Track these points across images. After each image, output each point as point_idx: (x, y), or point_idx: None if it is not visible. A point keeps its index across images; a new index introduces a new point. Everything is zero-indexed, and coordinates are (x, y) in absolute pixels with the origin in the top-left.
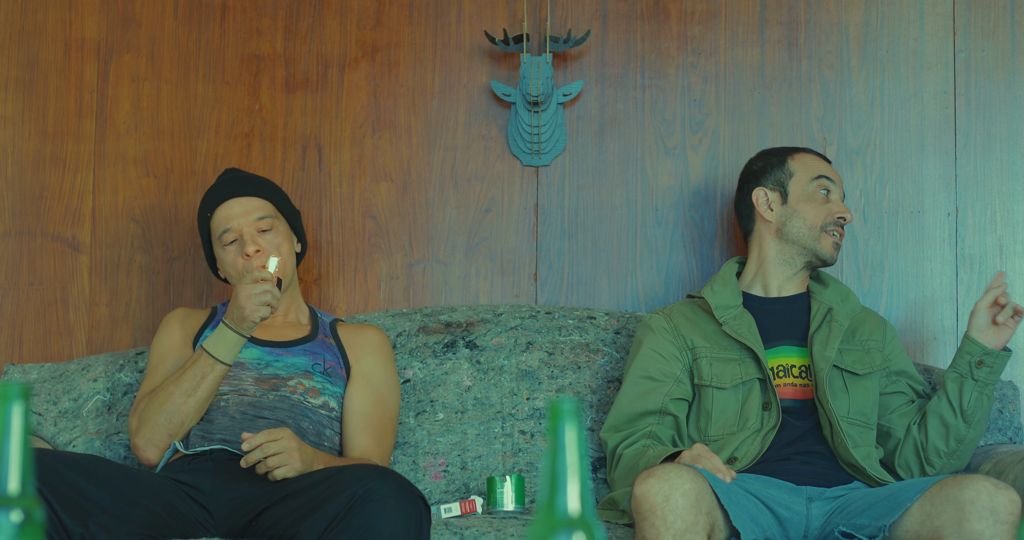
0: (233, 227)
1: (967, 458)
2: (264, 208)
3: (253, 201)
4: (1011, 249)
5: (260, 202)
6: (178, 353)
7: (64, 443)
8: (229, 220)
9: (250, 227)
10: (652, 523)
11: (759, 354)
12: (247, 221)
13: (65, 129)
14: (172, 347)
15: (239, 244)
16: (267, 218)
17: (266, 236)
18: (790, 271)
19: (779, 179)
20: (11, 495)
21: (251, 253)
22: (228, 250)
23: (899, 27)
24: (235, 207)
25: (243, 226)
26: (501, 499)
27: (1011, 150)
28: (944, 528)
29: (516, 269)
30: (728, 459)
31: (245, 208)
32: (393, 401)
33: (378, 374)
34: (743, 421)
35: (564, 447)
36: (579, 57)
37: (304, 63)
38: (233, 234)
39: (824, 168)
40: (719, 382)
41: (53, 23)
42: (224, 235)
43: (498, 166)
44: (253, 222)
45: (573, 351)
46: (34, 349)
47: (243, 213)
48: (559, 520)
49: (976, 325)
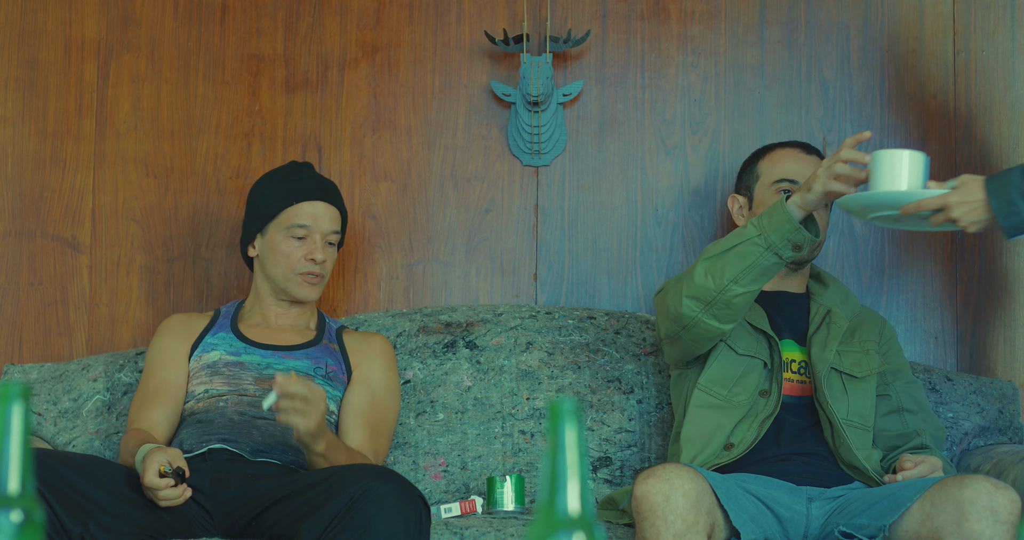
0: (312, 227)
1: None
2: (339, 223)
3: (336, 212)
4: (1011, 249)
5: (337, 215)
6: (169, 364)
7: (64, 443)
8: (314, 219)
9: (325, 235)
10: (652, 523)
11: (775, 345)
12: (326, 229)
13: (65, 129)
14: (164, 358)
15: (307, 243)
16: (338, 234)
17: (329, 250)
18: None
19: (748, 183)
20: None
21: (319, 260)
22: (293, 242)
23: (899, 27)
24: (323, 210)
25: (319, 230)
26: (501, 499)
27: (1011, 150)
28: (944, 528)
29: (516, 269)
30: (725, 445)
31: (331, 216)
32: (392, 407)
33: (378, 379)
34: (733, 395)
35: (564, 447)
36: (579, 57)
37: (304, 63)
38: (306, 232)
39: (792, 169)
40: (733, 343)
41: (53, 23)
42: (297, 228)
43: (498, 166)
44: (329, 232)
45: (573, 351)
46: (34, 349)
47: (328, 220)
48: (559, 520)
49: None
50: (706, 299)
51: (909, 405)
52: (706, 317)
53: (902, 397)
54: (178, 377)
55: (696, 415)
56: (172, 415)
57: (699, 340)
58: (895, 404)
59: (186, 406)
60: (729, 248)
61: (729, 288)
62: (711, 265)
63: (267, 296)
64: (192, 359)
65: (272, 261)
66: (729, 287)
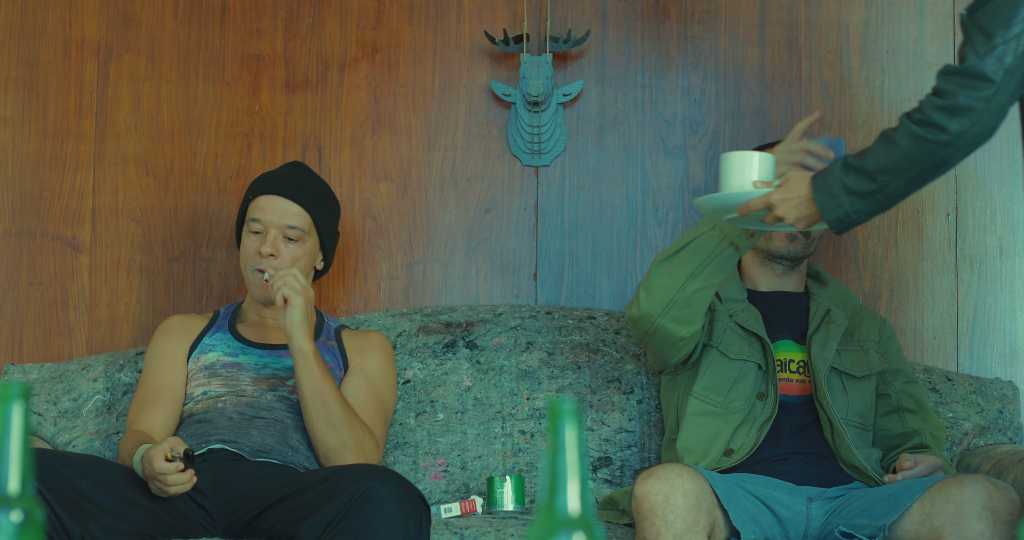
0: (264, 221)
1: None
2: (300, 219)
3: (293, 207)
4: (1011, 249)
5: (299, 211)
6: (168, 366)
7: (64, 443)
8: (264, 213)
9: (278, 230)
10: (652, 523)
11: (767, 346)
12: (278, 224)
13: (65, 129)
14: (163, 360)
15: (261, 237)
16: (297, 230)
17: (290, 245)
18: (770, 271)
19: None
20: (11, 495)
21: (264, 254)
22: (250, 237)
23: (899, 27)
24: (275, 204)
25: (271, 225)
26: (501, 499)
27: (1011, 150)
28: (944, 528)
29: (516, 269)
30: (725, 451)
31: (284, 211)
32: (389, 397)
33: (376, 370)
34: (729, 401)
35: (564, 447)
36: (579, 57)
37: (304, 63)
38: (260, 226)
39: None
40: (725, 349)
41: (53, 23)
42: (252, 222)
43: (498, 166)
44: (283, 227)
45: (573, 351)
46: (34, 349)
47: (279, 215)
48: (559, 520)
49: None
50: (665, 299)
51: (909, 405)
52: (665, 320)
53: (902, 397)
54: (177, 379)
55: (693, 423)
56: (171, 416)
57: (663, 346)
58: (895, 404)
59: (185, 408)
60: (683, 246)
61: (687, 285)
62: (667, 266)
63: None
64: (190, 360)
65: (240, 259)
66: (687, 284)
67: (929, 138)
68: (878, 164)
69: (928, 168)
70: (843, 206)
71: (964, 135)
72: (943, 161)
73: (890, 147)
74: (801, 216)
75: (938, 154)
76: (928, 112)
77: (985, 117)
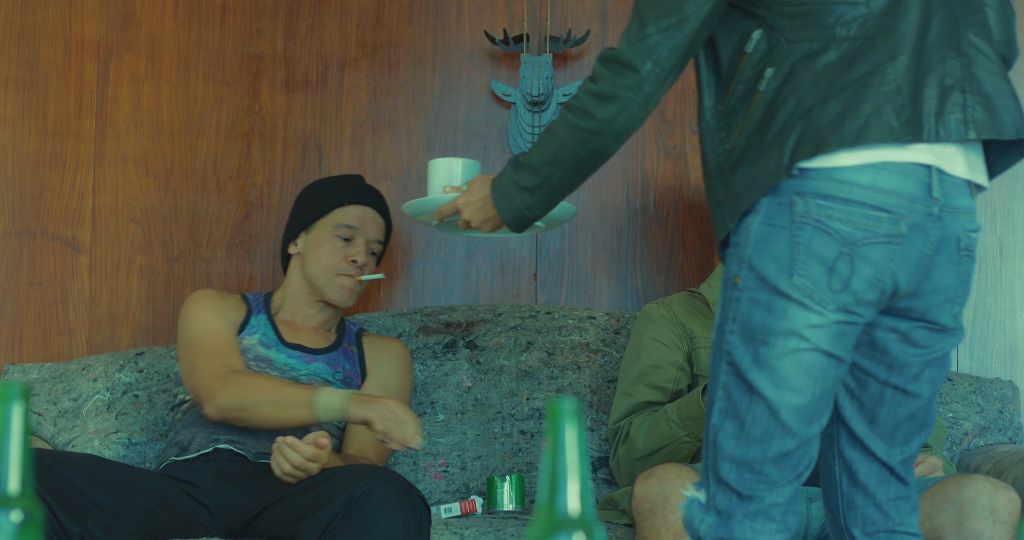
0: (359, 230)
1: None
2: (384, 234)
3: (383, 222)
4: (1011, 249)
5: (384, 227)
6: (226, 330)
7: (64, 443)
8: (362, 222)
9: (369, 242)
10: (652, 523)
11: None
12: (372, 235)
13: (65, 129)
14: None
15: (351, 246)
16: (381, 245)
17: (371, 258)
18: None
19: None
20: (11, 495)
21: (360, 263)
22: (338, 242)
23: None
24: (372, 216)
25: (365, 235)
26: (501, 499)
27: None
28: (944, 528)
29: (516, 269)
30: None
31: (378, 224)
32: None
33: (393, 381)
34: None
35: (564, 447)
36: (579, 57)
37: (304, 63)
38: (352, 234)
39: None
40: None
41: (53, 23)
42: (344, 229)
43: (498, 166)
44: (372, 240)
45: (573, 351)
46: (34, 349)
47: (375, 228)
48: (559, 520)
49: None
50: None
51: None
52: None
53: None
54: (235, 342)
55: None
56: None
57: None
58: None
59: None
60: (660, 449)
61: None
62: (644, 462)
63: (300, 295)
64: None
65: (313, 258)
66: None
67: (581, 125)
68: (542, 157)
69: (585, 158)
70: (515, 203)
71: (613, 123)
72: (597, 151)
73: (550, 139)
74: (485, 218)
75: (591, 143)
76: (581, 97)
77: (631, 106)
